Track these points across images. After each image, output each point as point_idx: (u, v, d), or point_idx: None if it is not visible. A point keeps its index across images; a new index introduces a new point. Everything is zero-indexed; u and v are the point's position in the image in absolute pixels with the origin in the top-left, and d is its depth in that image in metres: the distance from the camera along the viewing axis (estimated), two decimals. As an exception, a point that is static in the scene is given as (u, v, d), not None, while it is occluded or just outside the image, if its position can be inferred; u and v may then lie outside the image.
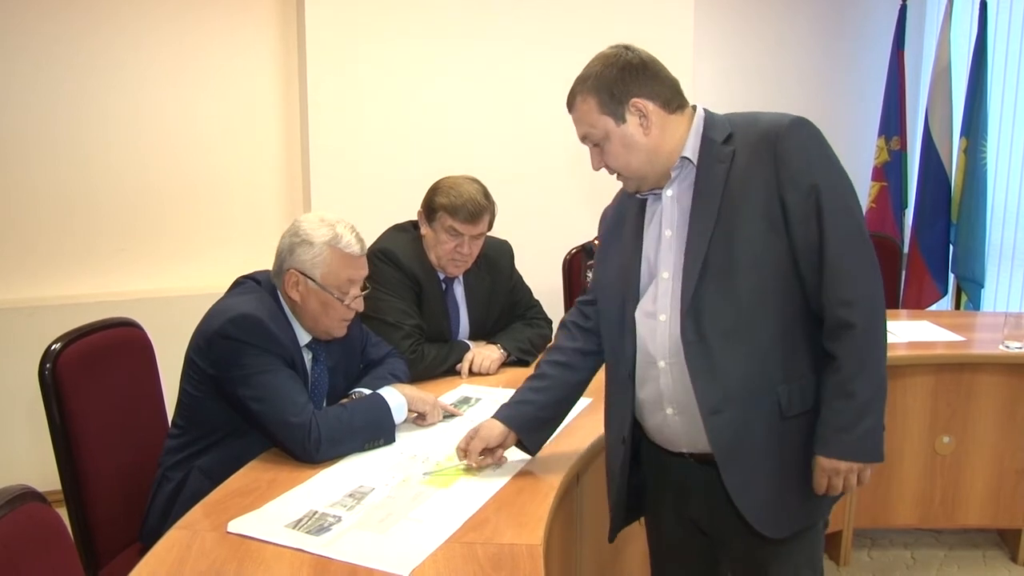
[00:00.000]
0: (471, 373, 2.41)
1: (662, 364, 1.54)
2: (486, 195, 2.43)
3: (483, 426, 1.74)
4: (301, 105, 3.57)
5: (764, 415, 1.48)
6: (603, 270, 1.71)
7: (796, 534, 1.55)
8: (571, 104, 1.56)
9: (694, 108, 1.55)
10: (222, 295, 1.96)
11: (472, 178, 2.46)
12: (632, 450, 1.67)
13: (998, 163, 4.25)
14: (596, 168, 1.58)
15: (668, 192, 1.54)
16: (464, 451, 1.74)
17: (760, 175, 1.45)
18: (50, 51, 3.25)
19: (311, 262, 1.88)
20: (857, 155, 4.61)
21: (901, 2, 4.42)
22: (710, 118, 1.54)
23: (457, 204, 2.36)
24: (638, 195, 1.60)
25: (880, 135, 4.48)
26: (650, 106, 1.49)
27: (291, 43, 3.59)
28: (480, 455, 1.72)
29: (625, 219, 1.64)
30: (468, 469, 1.74)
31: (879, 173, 4.48)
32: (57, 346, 1.85)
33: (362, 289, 1.98)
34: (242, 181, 3.60)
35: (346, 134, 3.50)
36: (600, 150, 1.54)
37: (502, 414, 1.75)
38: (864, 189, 4.49)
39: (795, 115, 1.47)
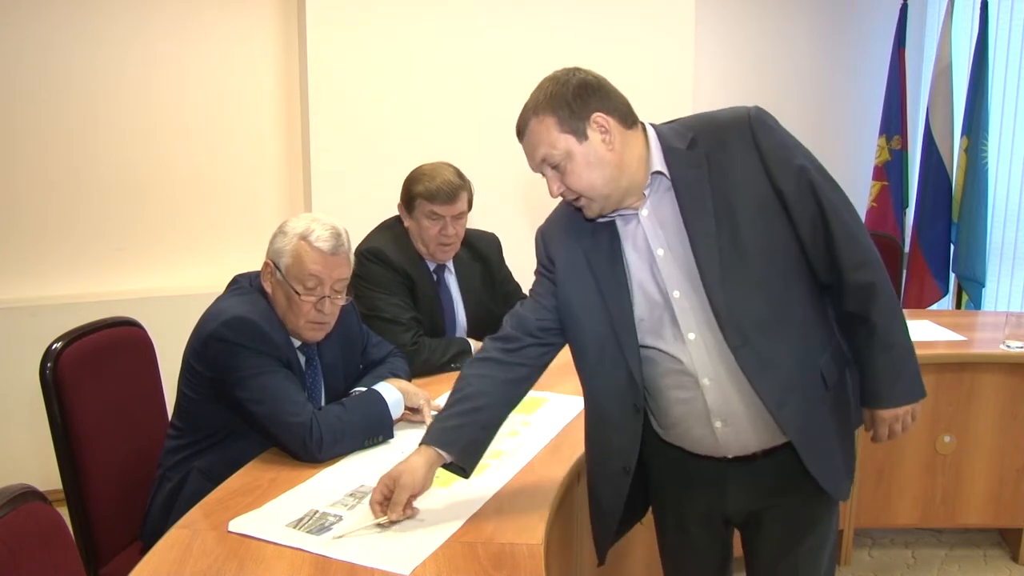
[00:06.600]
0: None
1: (706, 381, 1.49)
2: (459, 175, 2.46)
3: (403, 471, 1.49)
4: (302, 104, 3.57)
5: (817, 392, 1.52)
6: (569, 302, 1.57)
7: (825, 513, 1.62)
8: (522, 130, 1.48)
9: (643, 125, 1.51)
10: (221, 294, 1.95)
11: (443, 162, 2.49)
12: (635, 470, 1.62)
13: (999, 162, 4.25)
14: (555, 195, 1.49)
15: (644, 212, 1.49)
16: (381, 505, 1.49)
17: (746, 168, 1.45)
18: (49, 50, 3.25)
19: (280, 251, 1.87)
20: (858, 154, 4.61)
21: (902, 1, 4.42)
22: (662, 130, 1.51)
23: (432, 188, 2.39)
24: (600, 219, 1.51)
25: (881, 134, 4.47)
26: (611, 121, 1.44)
27: (292, 41, 3.59)
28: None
29: (579, 245, 1.55)
30: (386, 524, 1.47)
31: (880, 172, 4.47)
32: (58, 345, 1.85)
33: (347, 297, 1.93)
34: (242, 180, 3.60)
35: (347, 133, 3.50)
36: (559, 173, 1.47)
37: (439, 439, 1.54)
38: (865, 188, 4.49)
39: (749, 106, 1.49)
